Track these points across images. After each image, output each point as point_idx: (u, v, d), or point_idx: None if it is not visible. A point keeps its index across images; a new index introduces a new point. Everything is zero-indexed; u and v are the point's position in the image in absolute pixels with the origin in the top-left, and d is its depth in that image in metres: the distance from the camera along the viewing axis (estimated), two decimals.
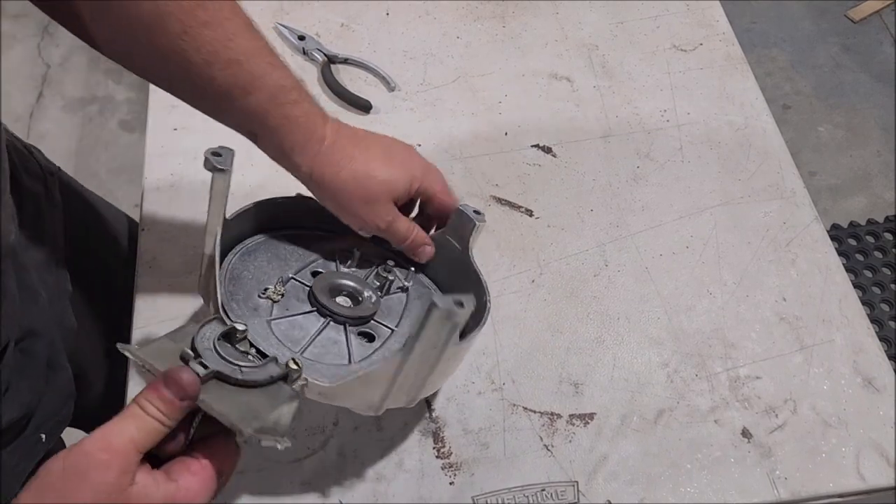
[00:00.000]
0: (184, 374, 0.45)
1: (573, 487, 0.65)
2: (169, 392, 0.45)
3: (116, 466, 0.42)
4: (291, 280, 0.64)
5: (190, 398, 0.45)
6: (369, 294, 0.64)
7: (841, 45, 2.18)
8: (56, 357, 0.67)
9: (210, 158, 0.57)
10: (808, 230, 0.79)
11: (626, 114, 0.89)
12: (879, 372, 0.71)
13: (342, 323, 0.61)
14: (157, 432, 0.45)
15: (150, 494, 0.44)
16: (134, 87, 2.14)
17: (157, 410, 0.45)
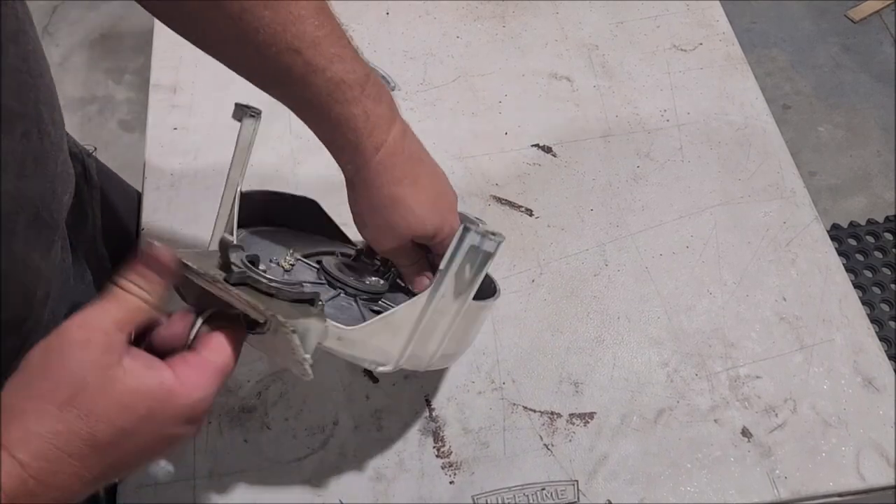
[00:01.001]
0: (161, 250, 0.43)
1: (573, 487, 0.65)
2: (143, 265, 0.43)
3: (97, 344, 0.41)
4: (298, 261, 0.62)
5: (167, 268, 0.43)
6: (375, 279, 0.63)
7: (841, 45, 2.18)
8: None
9: (239, 107, 0.56)
10: (808, 230, 0.79)
11: (626, 114, 0.89)
12: (879, 372, 0.71)
13: (353, 295, 0.60)
14: (139, 310, 0.43)
15: (139, 377, 0.41)
16: (134, 87, 2.15)
17: (136, 287, 0.43)
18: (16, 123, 0.47)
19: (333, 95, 0.53)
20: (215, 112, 0.90)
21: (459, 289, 0.53)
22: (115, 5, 2.33)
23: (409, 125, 0.58)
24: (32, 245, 0.51)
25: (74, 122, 2.05)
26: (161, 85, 0.93)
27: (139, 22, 2.29)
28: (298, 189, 0.82)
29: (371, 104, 0.54)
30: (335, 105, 0.53)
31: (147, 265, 0.43)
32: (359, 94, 0.53)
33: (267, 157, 0.86)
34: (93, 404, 0.39)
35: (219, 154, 0.86)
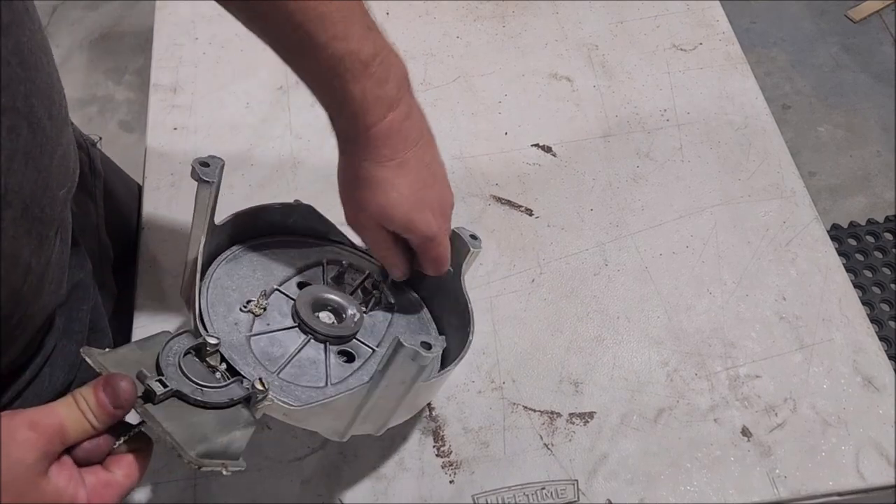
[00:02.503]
0: (122, 381, 0.44)
1: (573, 486, 0.65)
2: (104, 396, 0.44)
3: (39, 448, 0.41)
4: (276, 291, 0.62)
5: (123, 408, 0.44)
6: (353, 312, 0.62)
7: (841, 45, 2.18)
8: (99, 320, 0.68)
9: (196, 168, 0.55)
10: (808, 230, 0.79)
11: (626, 114, 0.89)
12: (879, 371, 0.71)
13: (322, 341, 0.60)
14: (83, 431, 0.44)
15: (59, 492, 0.42)
16: (134, 87, 2.15)
17: (88, 409, 0.44)
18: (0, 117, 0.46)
19: (333, 71, 0.53)
20: (215, 112, 0.90)
21: (400, 384, 0.53)
22: (115, 5, 2.33)
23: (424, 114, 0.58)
24: (21, 241, 0.50)
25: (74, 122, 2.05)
26: (161, 85, 0.93)
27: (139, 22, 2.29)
28: (298, 189, 0.82)
29: (372, 84, 0.54)
30: (334, 80, 0.53)
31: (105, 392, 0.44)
32: (360, 74, 0.53)
33: (267, 156, 0.86)
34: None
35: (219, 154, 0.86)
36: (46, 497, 0.42)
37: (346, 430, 0.55)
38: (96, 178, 0.76)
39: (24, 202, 0.49)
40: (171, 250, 0.79)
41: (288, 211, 0.66)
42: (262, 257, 0.64)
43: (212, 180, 0.55)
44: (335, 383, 0.57)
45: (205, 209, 0.56)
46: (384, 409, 0.55)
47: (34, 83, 0.48)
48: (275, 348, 0.58)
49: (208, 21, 0.98)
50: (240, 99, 0.91)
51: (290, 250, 0.66)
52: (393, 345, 0.49)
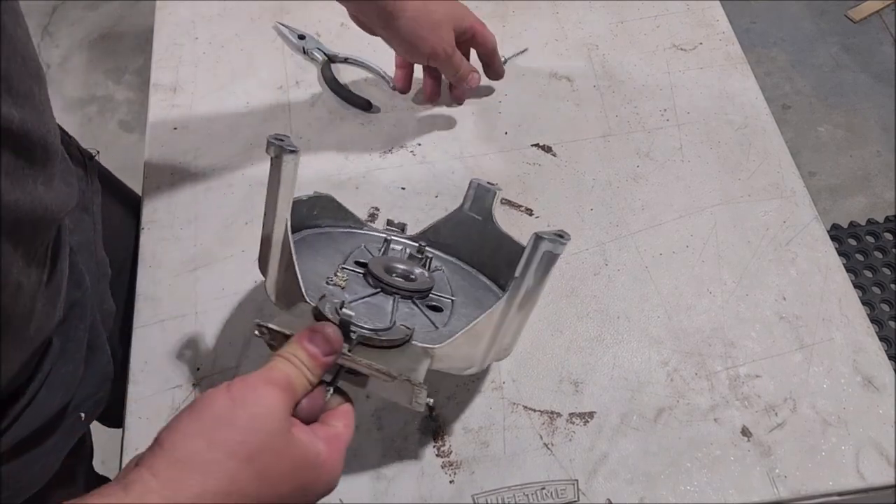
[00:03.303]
0: (329, 328, 0.45)
1: (573, 486, 0.65)
2: (314, 346, 0.44)
3: (284, 402, 0.42)
4: (343, 268, 0.64)
5: (334, 353, 0.45)
6: (420, 271, 0.66)
7: (841, 45, 2.18)
8: (96, 339, 0.68)
9: (275, 142, 0.54)
10: (808, 229, 0.79)
11: (626, 113, 0.89)
12: (879, 371, 0.71)
13: (408, 297, 0.63)
14: (303, 385, 0.44)
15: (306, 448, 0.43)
16: (134, 87, 2.15)
17: (301, 363, 0.44)
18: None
19: None
20: (215, 112, 0.90)
21: (532, 289, 0.57)
22: (115, 5, 2.34)
23: None
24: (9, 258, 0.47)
25: (74, 122, 2.05)
26: (161, 85, 0.93)
27: (139, 22, 2.29)
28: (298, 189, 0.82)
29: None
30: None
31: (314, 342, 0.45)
32: None
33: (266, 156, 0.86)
34: (271, 466, 0.40)
35: (219, 154, 0.86)
36: (298, 452, 0.42)
37: (484, 356, 0.57)
38: (94, 193, 0.75)
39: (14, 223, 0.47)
40: (171, 250, 0.79)
41: (312, 203, 0.68)
42: (308, 248, 0.66)
43: (295, 149, 0.54)
44: (440, 328, 0.60)
45: (290, 180, 0.55)
46: (516, 321, 0.58)
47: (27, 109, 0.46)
48: (374, 311, 0.59)
49: (208, 21, 0.98)
50: (240, 99, 0.91)
51: (329, 239, 0.70)
52: (532, 240, 0.53)
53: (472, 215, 0.71)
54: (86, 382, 0.65)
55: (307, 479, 0.43)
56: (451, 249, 0.73)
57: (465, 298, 0.67)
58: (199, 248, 0.79)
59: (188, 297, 0.75)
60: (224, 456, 0.39)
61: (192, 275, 0.77)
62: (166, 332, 0.73)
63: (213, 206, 0.82)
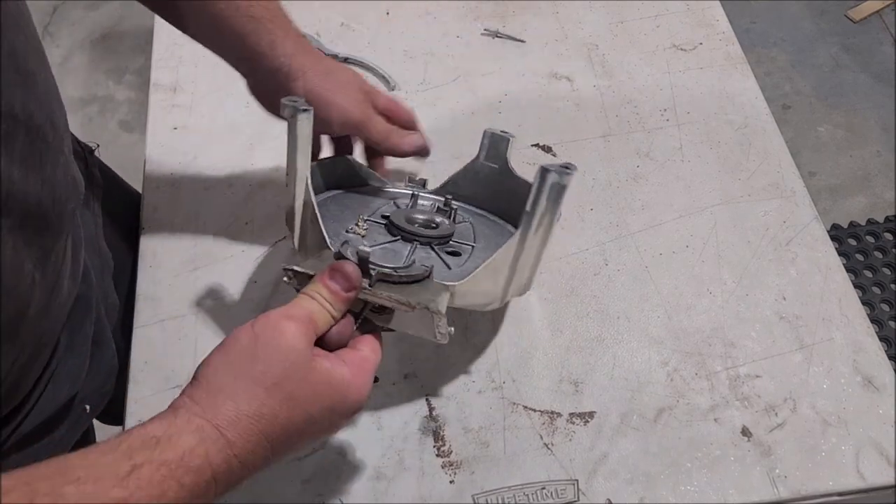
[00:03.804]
0: (348, 265, 0.49)
1: (573, 486, 0.65)
2: (334, 283, 0.49)
3: (302, 338, 0.45)
4: (367, 220, 0.67)
5: (354, 289, 0.49)
6: (441, 219, 0.68)
7: (841, 45, 2.18)
8: (101, 333, 0.68)
9: (289, 104, 0.57)
10: (808, 229, 0.79)
11: (626, 113, 0.89)
12: (879, 371, 0.71)
13: (427, 243, 0.65)
14: (326, 320, 0.48)
15: (331, 371, 0.46)
16: (134, 87, 2.15)
17: (324, 300, 0.48)
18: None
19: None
20: (215, 112, 0.90)
21: (543, 222, 0.58)
22: (115, 5, 2.33)
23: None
24: (22, 252, 0.48)
25: (75, 122, 2.05)
26: (161, 85, 0.93)
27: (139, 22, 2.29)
28: None
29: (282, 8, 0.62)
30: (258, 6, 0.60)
31: (334, 279, 0.49)
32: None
33: (267, 156, 0.86)
34: (296, 390, 0.44)
35: (219, 154, 0.86)
36: (321, 377, 0.45)
37: (504, 291, 0.60)
38: (94, 186, 0.75)
39: (25, 211, 0.48)
40: (171, 250, 0.79)
41: (332, 164, 0.71)
42: (335, 205, 0.69)
43: (308, 108, 0.57)
44: (453, 269, 0.62)
45: (307, 138, 0.58)
46: (531, 255, 0.60)
47: (31, 90, 0.47)
48: (390, 256, 0.62)
49: None
50: (240, 99, 0.91)
51: (357, 198, 0.72)
52: (539, 173, 0.54)
53: (488, 164, 0.72)
54: (92, 376, 0.66)
55: (334, 399, 0.46)
56: (473, 200, 0.74)
57: (486, 244, 0.68)
58: (199, 248, 0.79)
59: (188, 297, 0.75)
60: (250, 384, 0.43)
61: (192, 275, 0.77)
62: (166, 332, 0.73)
63: (213, 206, 0.82)
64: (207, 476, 0.40)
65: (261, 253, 0.78)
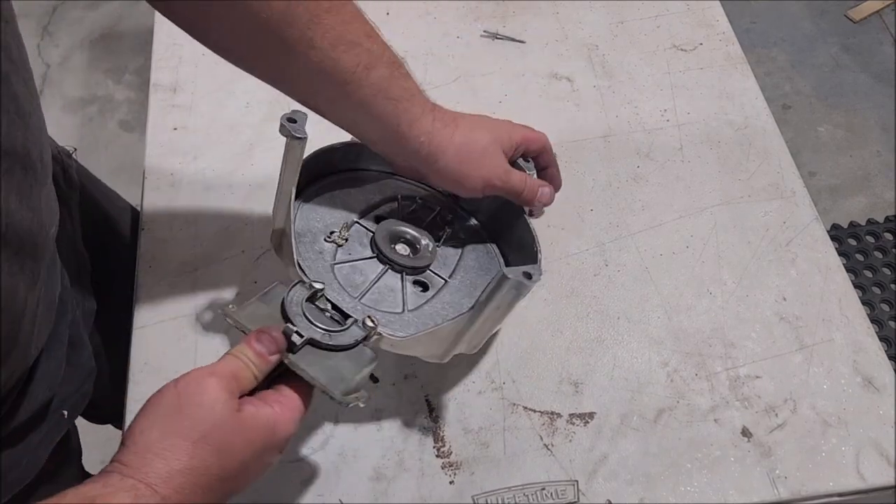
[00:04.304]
0: (274, 332, 0.52)
1: (573, 486, 0.65)
2: (260, 346, 0.51)
3: (226, 389, 0.47)
4: (356, 224, 0.68)
5: (278, 353, 0.51)
6: (426, 243, 0.68)
7: (841, 45, 2.18)
8: (77, 336, 0.68)
9: (286, 125, 0.58)
10: (808, 230, 0.79)
11: (626, 114, 0.89)
12: (879, 371, 0.71)
13: (399, 272, 0.65)
14: (249, 379, 0.50)
15: (257, 417, 0.48)
16: (134, 86, 2.15)
17: (249, 360, 0.50)
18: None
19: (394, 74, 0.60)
20: (215, 112, 0.90)
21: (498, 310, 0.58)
22: (115, 5, 2.33)
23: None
24: (17, 278, 0.50)
25: (75, 122, 2.05)
26: (161, 85, 0.93)
27: (139, 22, 2.28)
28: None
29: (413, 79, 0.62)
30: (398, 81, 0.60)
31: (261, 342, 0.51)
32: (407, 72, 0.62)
33: (267, 156, 0.86)
34: (225, 440, 0.45)
35: (219, 154, 0.86)
36: (248, 423, 0.47)
37: (445, 353, 0.62)
38: (72, 188, 0.75)
39: (20, 240, 0.50)
40: (171, 250, 0.79)
41: (347, 149, 0.70)
42: (341, 192, 0.70)
43: (302, 136, 0.58)
44: (411, 310, 0.63)
45: (296, 163, 0.59)
46: (481, 332, 0.61)
47: (28, 130, 0.50)
48: (356, 276, 0.64)
49: None
50: (240, 99, 0.91)
51: (366, 185, 0.72)
52: (497, 277, 0.54)
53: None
54: (68, 379, 0.66)
55: (265, 440, 0.48)
56: (477, 212, 0.74)
57: (461, 281, 0.68)
58: (199, 249, 0.79)
59: (188, 297, 0.75)
60: (178, 440, 0.44)
61: (192, 275, 0.77)
62: (166, 332, 0.73)
63: (213, 207, 0.82)
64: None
65: (260, 253, 0.78)
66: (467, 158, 0.63)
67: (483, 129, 0.65)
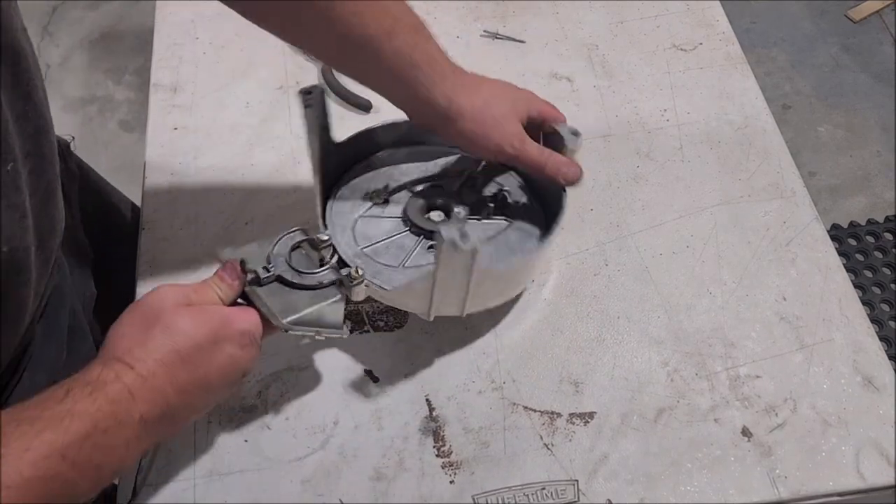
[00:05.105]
0: (235, 262, 0.60)
1: (573, 486, 0.65)
2: (224, 272, 0.58)
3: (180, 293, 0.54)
4: (405, 187, 0.72)
5: (237, 280, 0.58)
6: (459, 210, 0.70)
7: (841, 45, 2.18)
8: (78, 324, 0.69)
9: (302, 98, 0.64)
10: (808, 230, 0.79)
11: (626, 114, 0.89)
12: (879, 371, 0.71)
13: (417, 234, 0.69)
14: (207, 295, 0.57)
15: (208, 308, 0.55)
16: (133, 87, 2.15)
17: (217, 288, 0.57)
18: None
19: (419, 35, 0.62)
20: (215, 112, 0.90)
21: (454, 273, 0.60)
22: (115, 5, 2.33)
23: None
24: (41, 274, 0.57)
25: (75, 122, 2.05)
26: (161, 85, 0.93)
27: (139, 22, 2.29)
28: (299, 190, 0.83)
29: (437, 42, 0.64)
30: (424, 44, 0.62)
31: (226, 271, 0.58)
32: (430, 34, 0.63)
33: (267, 156, 0.86)
34: (173, 323, 0.52)
35: (219, 154, 0.86)
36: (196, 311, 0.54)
37: (428, 311, 0.65)
38: (72, 179, 0.76)
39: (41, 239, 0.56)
40: (171, 250, 0.79)
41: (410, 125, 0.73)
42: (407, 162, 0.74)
43: (311, 104, 0.63)
44: (408, 266, 0.67)
45: (315, 127, 0.64)
46: (455, 294, 0.64)
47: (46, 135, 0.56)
48: (375, 230, 0.69)
49: (208, 21, 0.98)
50: (240, 99, 0.91)
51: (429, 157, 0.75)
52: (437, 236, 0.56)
53: None
54: (69, 367, 0.67)
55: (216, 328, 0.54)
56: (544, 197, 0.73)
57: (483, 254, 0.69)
58: (199, 249, 0.79)
59: None
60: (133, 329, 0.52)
61: (192, 275, 0.77)
62: None
63: (213, 206, 0.82)
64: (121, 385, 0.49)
65: None
66: (482, 123, 0.64)
67: (503, 96, 0.66)
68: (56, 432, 0.44)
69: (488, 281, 0.65)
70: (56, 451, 0.44)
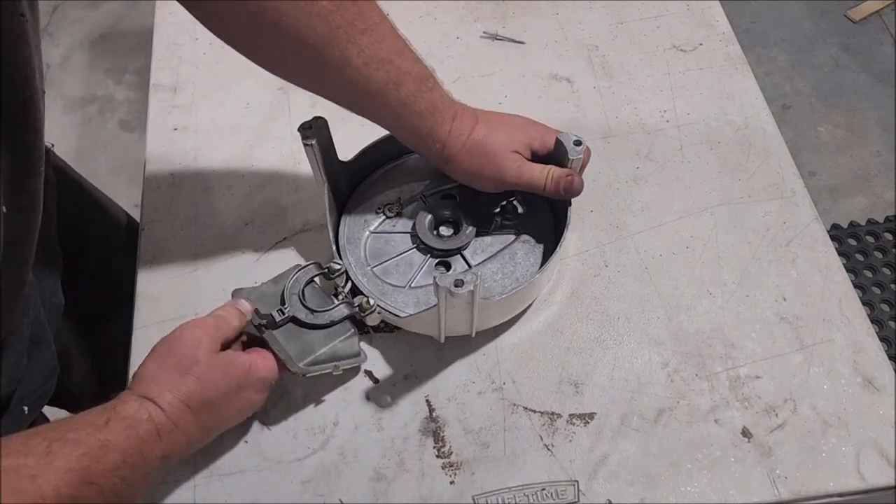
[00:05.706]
0: (242, 299, 0.65)
1: (573, 487, 0.65)
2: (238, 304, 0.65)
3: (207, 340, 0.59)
4: (420, 199, 0.74)
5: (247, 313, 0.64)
6: (468, 228, 0.72)
7: (841, 45, 2.18)
8: (41, 333, 0.69)
9: (302, 133, 0.66)
10: (808, 230, 0.79)
11: (626, 114, 0.89)
12: (879, 371, 0.71)
13: (425, 252, 0.71)
14: (228, 329, 0.62)
15: (234, 357, 0.61)
16: (133, 86, 2.15)
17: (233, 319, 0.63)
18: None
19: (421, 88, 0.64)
20: (215, 112, 0.90)
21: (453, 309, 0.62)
22: (115, 5, 2.33)
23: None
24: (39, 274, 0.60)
25: (74, 122, 2.05)
26: (161, 85, 0.93)
27: (139, 22, 2.29)
28: (299, 190, 0.83)
29: (441, 90, 0.66)
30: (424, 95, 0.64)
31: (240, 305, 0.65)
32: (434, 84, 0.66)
33: (267, 156, 0.86)
34: (205, 374, 0.58)
35: (219, 154, 0.86)
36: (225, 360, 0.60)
37: (439, 334, 0.68)
38: (49, 186, 0.74)
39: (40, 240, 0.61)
40: (171, 250, 0.79)
41: None
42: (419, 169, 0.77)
43: (310, 142, 0.66)
44: (414, 287, 0.69)
45: (316, 161, 0.68)
46: (461, 322, 0.66)
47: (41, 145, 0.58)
48: (385, 247, 0.72)
49: None
50: (240, 99, 0.91)
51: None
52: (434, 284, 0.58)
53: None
54: (30, 376, 0.68)
55: (239, 376, 0.60)
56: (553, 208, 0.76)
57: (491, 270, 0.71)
58: (199, 248, 0.79)
59: (188, 298, 0.75)
60: (168, 372, 0.58)
61: (192, 275, 0.77)
62: (166, 332, 0.73)
63: (213, 207, 0.82)
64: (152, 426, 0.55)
65: (261, 253, 0.78)
66: (478, 160, 0.67)
67: (499, 131, 0.68)
68: (93, 460, 0.50)
69: (493, 306, 0.67)
70: (89, 477, 0.50)
